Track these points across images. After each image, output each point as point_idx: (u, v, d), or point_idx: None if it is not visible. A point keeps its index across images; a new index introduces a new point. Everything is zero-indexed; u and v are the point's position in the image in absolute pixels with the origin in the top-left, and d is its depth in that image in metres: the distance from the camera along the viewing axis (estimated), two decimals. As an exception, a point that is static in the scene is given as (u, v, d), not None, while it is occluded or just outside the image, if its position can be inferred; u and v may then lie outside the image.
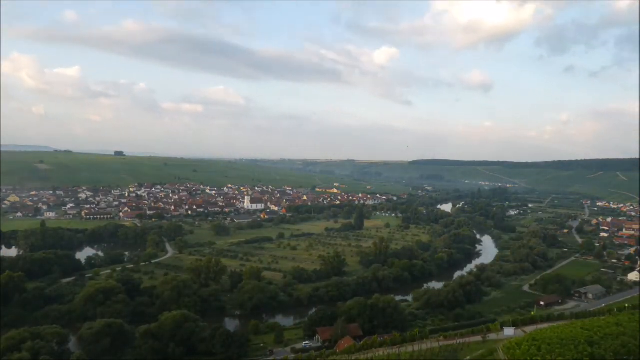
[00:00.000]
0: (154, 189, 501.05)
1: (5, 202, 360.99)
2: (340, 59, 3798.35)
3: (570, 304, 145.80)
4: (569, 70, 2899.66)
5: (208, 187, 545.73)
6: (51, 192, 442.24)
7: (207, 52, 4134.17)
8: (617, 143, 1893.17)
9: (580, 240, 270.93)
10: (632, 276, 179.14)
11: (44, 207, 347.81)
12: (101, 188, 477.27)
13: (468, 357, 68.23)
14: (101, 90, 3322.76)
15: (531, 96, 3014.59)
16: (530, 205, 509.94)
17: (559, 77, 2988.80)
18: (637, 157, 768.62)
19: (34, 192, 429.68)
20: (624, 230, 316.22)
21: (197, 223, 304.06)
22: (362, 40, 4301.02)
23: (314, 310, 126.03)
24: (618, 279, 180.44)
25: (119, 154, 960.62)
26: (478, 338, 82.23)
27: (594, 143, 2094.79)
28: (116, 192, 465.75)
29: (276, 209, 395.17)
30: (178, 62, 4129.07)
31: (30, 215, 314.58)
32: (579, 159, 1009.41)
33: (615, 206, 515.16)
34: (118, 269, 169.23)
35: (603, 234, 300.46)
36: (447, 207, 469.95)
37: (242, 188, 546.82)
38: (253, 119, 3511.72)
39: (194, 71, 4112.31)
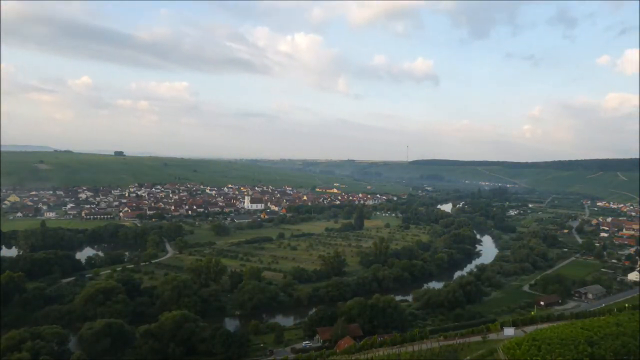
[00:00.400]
0: (154, 189, 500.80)
1: (5, 202, 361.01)
2: (240, 47, 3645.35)
3: (570, 304, 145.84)
4: (510, 56, 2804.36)
5: (208, 187, 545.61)
6: (51, 192, 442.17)
7: (79, 36, 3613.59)
8: (608, 140, 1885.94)
9: (580, 240, 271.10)
10: (632, 276, 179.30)
11: (44, 207, 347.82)
12: (101, 188, 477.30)
13: (468, 357, 68.29)
14: (35, 85, 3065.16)
15: (483, 87, 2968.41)
16: (530, 205, 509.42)
17: (502, 64, 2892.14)
18: (637, 157, 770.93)
19: (34, 192, 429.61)
20: (624, 230, 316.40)
21: (197, 223, 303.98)
22: (243, 19, 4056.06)
23: (314, 310, 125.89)
24: (618, 279, 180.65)
25: (119, 154, 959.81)
26: (478, 338, 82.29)
27: (574, 139, 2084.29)
28: (116, 192, 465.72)
29: (276, 209, 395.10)
30: (52, 47, 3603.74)
31: (30, 215, 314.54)
32: (579, 159, 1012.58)
33: (615, 206, 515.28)
34: (118, 269, 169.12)
35: (603, 234, 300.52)
36: (447, 207, 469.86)
37: (242, 188, 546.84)
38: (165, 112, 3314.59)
39: (85, 60, 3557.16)
